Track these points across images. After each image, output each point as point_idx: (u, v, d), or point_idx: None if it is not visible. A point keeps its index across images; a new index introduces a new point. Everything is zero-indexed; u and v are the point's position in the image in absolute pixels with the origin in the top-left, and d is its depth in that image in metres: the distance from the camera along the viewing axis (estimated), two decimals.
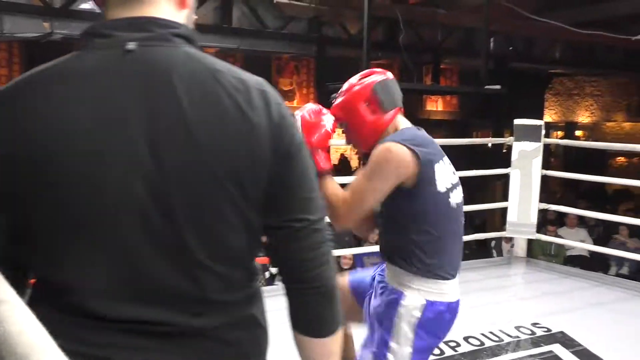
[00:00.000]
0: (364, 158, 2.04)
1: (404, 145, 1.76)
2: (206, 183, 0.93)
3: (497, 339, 3.75)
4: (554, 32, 8.22)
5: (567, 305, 4.24)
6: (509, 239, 6.47)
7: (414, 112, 13.14)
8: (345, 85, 1.93)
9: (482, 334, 3.70)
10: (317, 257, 1.02)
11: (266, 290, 1.49)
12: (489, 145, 8.72)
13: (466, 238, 6.42)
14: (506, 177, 5.33)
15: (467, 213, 6.68)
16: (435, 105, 13.18)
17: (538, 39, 9.33)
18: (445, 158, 1.87)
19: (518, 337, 3.58)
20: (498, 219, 8.21)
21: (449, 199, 1.83)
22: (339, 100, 1.92)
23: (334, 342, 1.06)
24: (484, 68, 7.53)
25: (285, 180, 0.99)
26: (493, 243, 7.36)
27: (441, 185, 1.80)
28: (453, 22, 8.18)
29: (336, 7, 7.31)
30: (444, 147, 1.98)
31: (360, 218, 1.87)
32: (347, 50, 7.90)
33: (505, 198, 5.43)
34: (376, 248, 6.10)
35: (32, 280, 0.99)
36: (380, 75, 1.90)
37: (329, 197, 1.82)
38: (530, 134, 5.10)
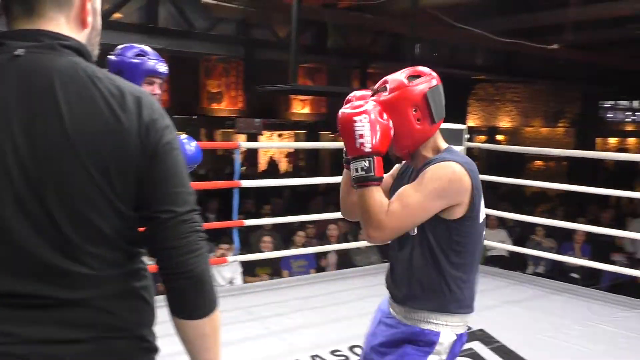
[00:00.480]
0: (395, 159, 1.90)
1: (464, 168, 1.67)
2: (76, 173, 1.05)
3: None
4: (477, 40, 8.51)
5: (487, 303, 4.39)
6: None
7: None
8: (393, 81, 1.74)
9: None
10: (185, 245, 1.12)
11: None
12: None
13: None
14: None
15: None
16: None
17: (461, 46, 9.63)
18: None
19: None
20: None
21: (483, 231, 1.77)
22: (385, 96, 1.73)
23: (206, 324, 1.16)
24: None
25: (153, 176, 1.11)
26: None
27: (481, 217, 1.74)
28: (380, 27, 8.32)
29: (265, 10, 7.29)
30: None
31: (400, 234, 1.72)
32: (276, 53, 7.90)
33: None
34: (303, 250, 6.16)
35: None
36: (432, 80, 1.74)
37: (373, 206, 1.65)
38: (453, 137, 5.24)
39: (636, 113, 17.27)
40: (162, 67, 2.46)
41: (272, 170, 13.22)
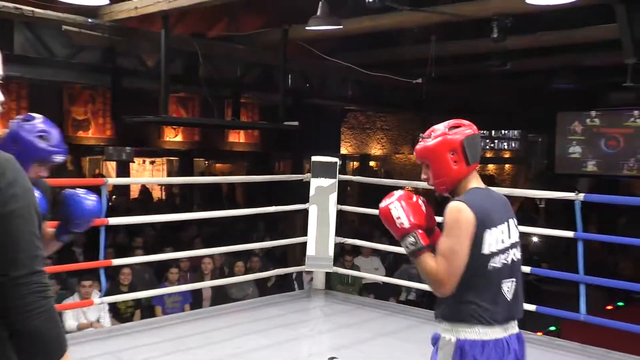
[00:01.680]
0: (441, 199, 2.26)
1: (467, 204, 2.03)
2: None
3: None
4: (346, 72, 8.75)
5: (362, 336, 4.44)
6: (309, 271, 6.65)
7: (216, 144, 13.11)
8: (437, 130, 2.14)
9: None
10: (20, 306, 1.24)
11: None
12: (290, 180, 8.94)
13: (267, 274, 6.45)
14: (306, 210, 5.49)
15: (267, 248, 6.59)
16: (238, 137, 13.28)
17: (331, 77, 9.84)
18: (508, 221, 2.12)
19: None
20: (299, 251, 8.42)
21: (495, 260, 2.06)
22: (429, 142, 2.13)
23: None
24: (282, 105, 7.74)
25: None
26: (294, 275, 7.51)
27: (490, 247, 2.05)
28: (251, 58, 8.31)
29: (131, 38, 7.05)
30: (246, 183, 2.05)
31: (459, 277, 2.02)
32: (145, 82, 7.62)
33: (305, 230, 5.57)
34: (179, 288, 5.93)
35: None
36: (468, 129, 2.12)
37: (429, 271, 2.03)
38: (327, 171, 5.31)
39: (494, 141, 18.52)
40: (59, 158, 2.33)
41: (145, 198, 12.70)
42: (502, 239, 2.07)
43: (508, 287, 2.08)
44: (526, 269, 4.87)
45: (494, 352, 2.03)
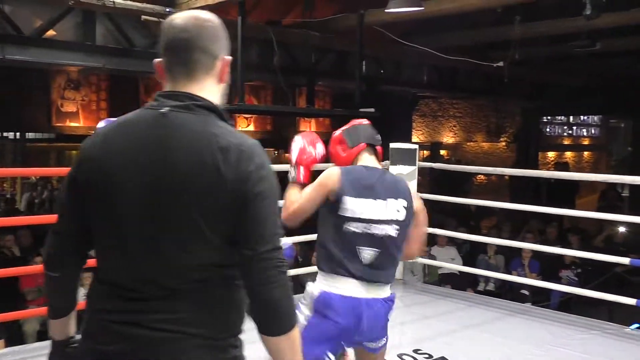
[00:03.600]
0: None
1: (339, 171, 2.39)
2: (178, 212, 1.41)
3: None
4: (421, 56, 8.53)
5: (445, 328, 4.30)
6: None
7: (288, 133, 13.13)
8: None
9: None
10: (263, 278, 1.42)
11: None
12: None
13: None
14: None
15: None
16: (309, 126, 13.26)
17: (405, 63, 9.64)
18: (387, 200, 2.38)
19: None
20: None
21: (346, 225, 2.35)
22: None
23: (282, 340, 1.47)
24: (358, 91, 7.61)
25: (243, 221, 1.42)
26: None
27: (344, 212, 2.34)
28: (326, 45, 8.22)
29: None
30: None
31: (301, 218, 2.42)
32: None
33: None
34: None
35: None
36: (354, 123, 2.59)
37: (286, 198, 2.40)
38: (406, 157, 5.17)
39: (572, 127, 17.80)
40: None
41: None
42: (367, 210, 2.32)
43: (368, 254, 2.33)
44: (625, 260, 4.60)
45: (344, 305, 2.31)
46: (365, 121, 2.58)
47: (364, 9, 7.07)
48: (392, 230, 2.36)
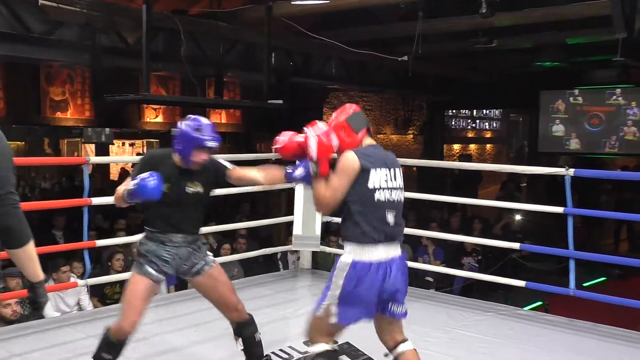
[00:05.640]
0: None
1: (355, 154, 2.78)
2: None
3: (287, 356, 3.74)
4: (329, 50, 8.62)
5: None
6: (295, 251, 6.60)
7: None
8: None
9: (273, 353, 3.67)
10: (2, 213, 2.10)
11: None
12: (273, 159, 8.84)
13: (253, 253, 6.38)
14: (291, 190, 5.41)
15: (253, 228, 6.51)
16: (219, 118, 13.11)
17: (315, 56, 9.71)
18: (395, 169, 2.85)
19: (307, 352, 3.60)
20: (283, 232, 8.35)
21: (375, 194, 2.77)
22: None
23: (21, 252, 2.19)
24: (267, 83, 7.61)
25: None
26: (279, 255, 7.45)
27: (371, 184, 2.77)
28: (235, 35, 8.15)
29: (111, 15, 6.86)
30: (231, 160, 3.12)
31: (336, 204, 2.83)
32: (125, 60, 7.44)
33: (290, 211, 5.51)
34: None
35: None
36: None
37: (317, 193, 2.78)
38: None
39: (476, 121, 18.55)
40: (211, 144, 3.14)
41: (124, 177, 12.53)
42: (387, 181, 2.77)
43: (392, 217, 2.78)
44: (515, 245, 4.88)
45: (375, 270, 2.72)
46: (354, 106, 2.94)
47: (271, 1, 7.07)
48: (401, 195, 2.85)
